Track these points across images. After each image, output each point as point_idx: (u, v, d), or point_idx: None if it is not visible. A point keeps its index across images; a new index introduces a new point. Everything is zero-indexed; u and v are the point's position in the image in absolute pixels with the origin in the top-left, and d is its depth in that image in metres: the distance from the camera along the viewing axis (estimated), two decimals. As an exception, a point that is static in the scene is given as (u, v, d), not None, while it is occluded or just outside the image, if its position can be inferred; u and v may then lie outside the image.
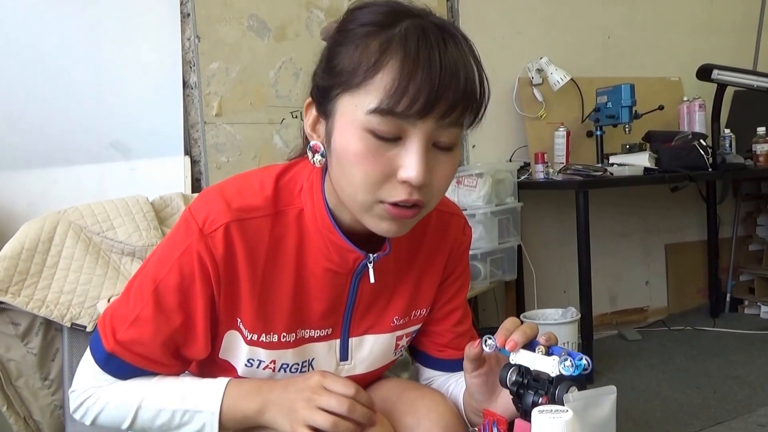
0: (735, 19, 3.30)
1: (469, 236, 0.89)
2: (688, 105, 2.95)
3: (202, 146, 2.13)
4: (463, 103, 0.65)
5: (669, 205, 3.08)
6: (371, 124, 0.64)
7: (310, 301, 0.78)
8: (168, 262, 0.74)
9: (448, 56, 0.64)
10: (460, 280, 0.89)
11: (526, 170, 2.70)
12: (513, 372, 0.69)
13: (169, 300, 0.74)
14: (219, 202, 0.73)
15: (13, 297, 1.16)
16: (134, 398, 0.76)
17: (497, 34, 2.79)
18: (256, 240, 0.74)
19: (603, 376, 2.39)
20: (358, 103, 0.65)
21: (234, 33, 2.18)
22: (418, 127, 0.64)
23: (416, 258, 0.83)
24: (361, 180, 0.66)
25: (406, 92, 0.62)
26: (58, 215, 1.27)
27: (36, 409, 1.20)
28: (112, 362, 0.77)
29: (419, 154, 0.65)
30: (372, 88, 0.64)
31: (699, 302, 3.24)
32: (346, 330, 0.81)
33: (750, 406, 2.05)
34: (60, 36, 1.93)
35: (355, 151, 0.65)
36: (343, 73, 0.66)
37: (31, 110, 1.89)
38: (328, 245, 0.76)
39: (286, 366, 0.79)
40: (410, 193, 0.66)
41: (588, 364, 0.66)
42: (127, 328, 0.75)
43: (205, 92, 2.13)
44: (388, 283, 0.81)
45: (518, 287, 2.66)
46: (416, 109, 0.63)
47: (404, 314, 0.84)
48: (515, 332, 0.69)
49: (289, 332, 0.78)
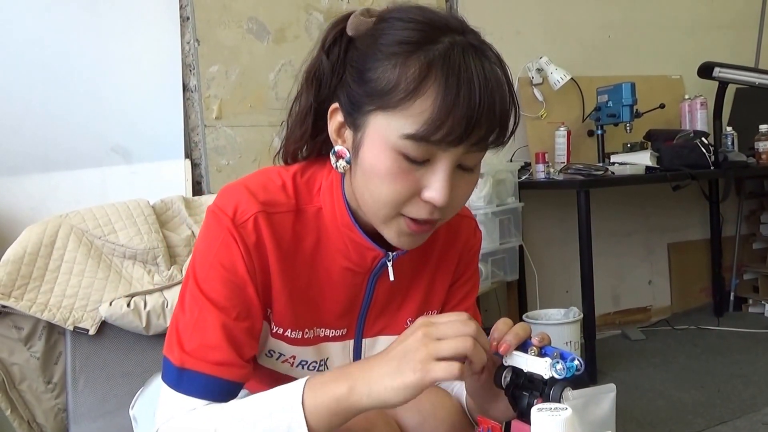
0: (736, 16, 3.29)
1: (479, 239, 0.90)
2: (690, 103, 2.94)
3: (203, 149, 2.14)
4: (496, 130, 0.67)
5: (671, 204, 3.07)
6: (404, 148, 0.65)
7: (327, 300, 0.78)
8: (208, 260, 0.73)
9: (487, 84, 0.64)
10: (470, 283, 0.89)
11: (527, 170, 2.69)
12: (508, 373, 0.69)
13: (220, 296, 0.72)
14: (245, 194, 0.74)
15: (16, 301, 1.16)
16: (209, 425, 0.69)
17: (496, 34, 2.74)
18: (281, 234, 0.74)
19: (606, 376, 2.38)
20: (393, 124, 0.65)
21: (233, 36, 2.18)
22: (450, 152, 0.66)
23: (429, 260, 0.84)
24: (388, 197, 0.68)
25: (444, 124, 0.63)
26: (60, 219, 1.27)
27: (39, 412, 1.21)
28: (185, 378, 0.72)
29: (446, 179, 0.66)
30: (409, 113, 0.64)
31: (702, 301, 3.23)
32: (360, 331, 0.82)
33: (754, 405, 2.04)
34: (60, 40, 1.94)
35: (385, 169, 0.66)
36: (379, 91, 0.66)
37: (32, 115, 1.90)
38: (347, 244, 0.76)
39: (305, 363, 0.80)
40: (432, 212, 0.68)
41: (580, 364, 0.65)
42: (191, 335, 0.72)
43: (205, 95, 2.14)
44: (402, 284, 0.82)
45: (520, 287, 2.66)
46: (452, 139, 0.64)
47: (416, 315, 0.84)
48: (507, 334, 0.69)
49: (309, 329, 0.78)
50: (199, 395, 0.72)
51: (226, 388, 0.72)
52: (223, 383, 0.72)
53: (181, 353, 0.72)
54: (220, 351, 0.72)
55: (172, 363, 0.72)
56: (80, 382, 1.22)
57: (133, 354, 1.25)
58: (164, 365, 0.74)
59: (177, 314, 0.75)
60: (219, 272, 0.72)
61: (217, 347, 0.72)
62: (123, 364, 1.24)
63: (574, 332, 2.29)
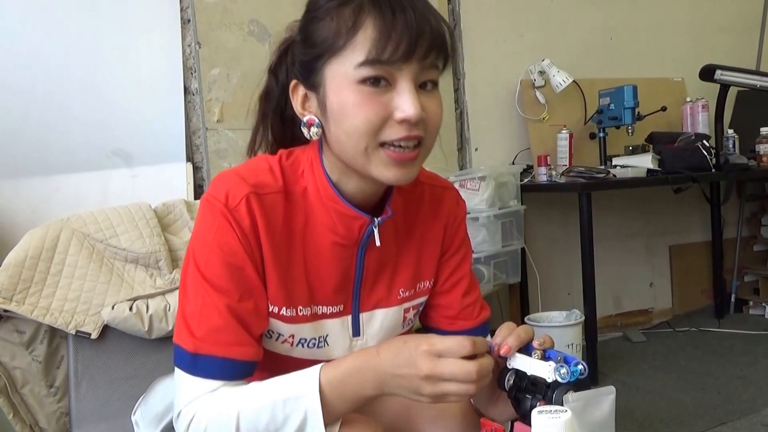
0: (737, 19, 3.29)
1: (463, 208, 0.93)
2: (691, 106, 2.94)
3: (204, 152, 2.14)
4: (437, 44, 0.73)
5: (673, 207, 3.07)
6: (363, 76, 0.71)
7: (321, 278, 0.81)
8: (207, 246, 0.76)
9: (416, 6, 0.71)
10: (461, 251, 0.92)
11: (528, 173, 2.69)
12: (511, 376, 0.70)
13: (222, 279, 0.75)
14: (235, 178, 0.77)
15: (18, 305, 1.16)
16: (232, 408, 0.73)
17: (499, 37, 2.79)
18: (273, 214, 0.77)
19: (608, 378, 2.38)
20: (345, 62, 0.71)
21: (235, 39, 2.18)
22: (404, 70, 0.71)
23: (414, 231, 0.88)
24: (363, 125, 0.71)
25: (389, 40, 0.69)
26: (62, 223, 1.27)
27: (42, 416, 1.20)
28: (199, 362, 0.75)
29: (411, 92, 0.71)
30: (356, 47, 0.70)
31: (703, 303, 3.23)
32: (356, 306, 0.84)
33: (755, 407, 2.04)
34: (61, 43, 1.94)
35: (352, 102, 0.71)
36: (324, 43, 0.72)
37: (32, 118, 1.90)
38: (333, 218, 0.79)
39: (304, 341, 0.81)
40: (410, 129, 0.72)
41: (584, 368, 0.66)
42: (199, 320, 0.75)
43: (207, 98, 2.14)
44: (390, 255, 0.85)
45: (522, 290, 2.66)
46: (401, 53, 0.70)
47: (409, 286, 0.87)
48: (509, 337, 0.70)
49: (305, 307, 0.80)
50: (216, 377, 0.75)
51: (240, 368, 0.76)
52: (237, 363, 0.75)
53: (193, 339, 0.75)
54: (230, 332, 0.75)
55: (185, 349, 0.75)
56: (82, 386, 1.22)
57: (135, 358, 1.25)
58: (176, 352, 0.77)
59: (182, 302, 0.78)
60: (218, 256, 0.75)
61: (226, 329, 0.75)
62: (125, 368, 1.23)
63: (575, 335, 2.29)
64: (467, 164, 2.74)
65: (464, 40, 2.71)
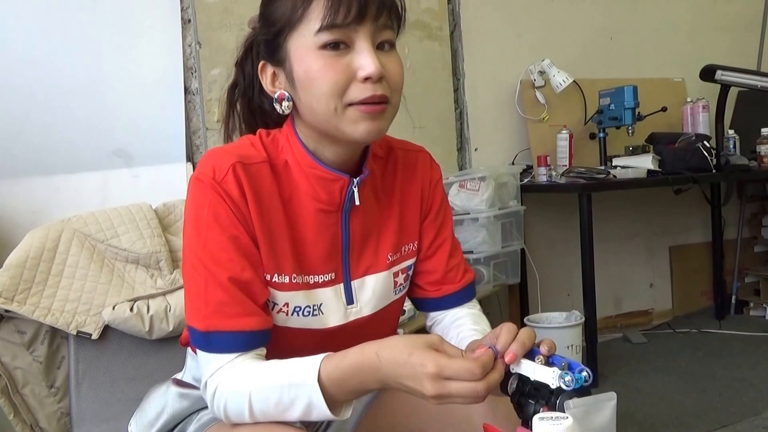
0: (738, 19, 3.29)
1: (437, 171, 0.96)
2: (692, 106, 2.94)
3: (205, 152, 2.14)
4: (387, 4, 0.78)
5: (673, 207, 3.07)
6: (322, 41, 0.76)
7: (309, 247, 0.83)
8: (202, 222, 0.78)
9: None
10: (440, 214, 0.95)
11: (528, 173, 2.69)
12: (514, 380, 0.69)
13: (221, 252, 0.77)
14: (220, 152, 0.81)
15: (19, 305, 1.16)
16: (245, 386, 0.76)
17: (499, 37, 2.79)
18: (259, 183, 0.80)
19: (608, 380, 2.38)
20: (304, 32, 0.76)
21: (235, 39, 2.16)
22: (360, 31, 0.76)
23: (393, 194, 0.91)
24: (329, 88, 0.76)
25: (341, 4, 0.74)
26: (63, 223, 1.27)
27: (42, 416, 1.20)
28: (213, 339, 0.78)
29: (370, 51, 0.76)
30: (312, 15, 0.76)
31: (704, 304, 3.23)
32: (347, 273, 0.86)
33: (756, 409, 2.05)
34: (61, 43, 1.94)
35: (317, 67, 0.76)
36: (282, 19, 0.78)
37: (32, 118, 1.89)
38: (314, 185, 0.82)
39: (299, 309, 0.83)
40: (374, 88, 0.76)
41: (588, 375, 0.66)
42: (205, 298, 0.77)
43: (207, 98, 2.14)
44: (373, 219, 0.88)
45: (522, 291, 2.66)
46: (353, 15, 0.75)
47: (395, 250, 0.90)
48: (514, 343, 0.70)
49: (298, 275, 0.82)
50: (231, 350, 0.78)
51: (252, 338, 0.78)
52: (248, 335, 0.78)
53: (202, 318, 0.77)
54: (236, 304, 0.77)
55: (197, 329, 0.78)
56: (83, 387, 1.22)
57: (136, 358, 1.24)
58: (190, 333, 0.80)
59: (187, 283, 0.81)
60: (215, 230, 0.78)
61: (232, 302, 0.77)
62: (126, 369, 1.23)
63: (575, 336, 2.29)
64: (467, 164, 2.74)
65: (464, 39, 2.71)
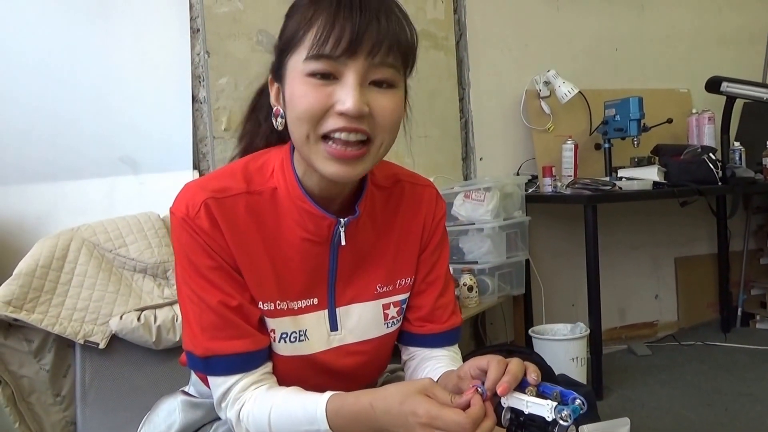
0: (744, 30, 3.30)
1: (442, 207, 0.95)
2: (698, 118, 2.94)
3: (211, 161, 2.14)
4: (387, 41, 0.74)
5: (678, 219, 3.07)
6: (309, 70, 0.74)
7: (292, 273, 0.83)
8: (185, 257, 0.80)
9: (369, 5, 0.74)
10: (438, 251, 0.93)
11: (534, 183, 2.69)
12: (507, 411, 0.70)
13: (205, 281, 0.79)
14: (193, 188, 0.82)
15: (28, 314, 1.17)
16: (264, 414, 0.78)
17: (505, 47, 2.80)
18: (234, 215, 0.81)
19: (612, 392, 2.37)
20: (298, 57, 0.76)
21: (243, 48, 2.19)
22: (350, 66, 0.74)
23: (393, 227, 0.90)
24: (304, 113, 0.75)
25: (331, 36, 0.72)
26: (72, 233, 1.28)
27: (48, 425, 1.20)
28: (211, 364, 0.80)
29: (352, 87, 0.73)
30: (307, 43, 0.74)
31: (710, 317, 3.22)
32: (332, 300, 0.86)
33: (763, 425, 2.03)
34: (70, 50, 1.95)
35: (299, 93, 0.75)
36: (288, 38, 0.78)
37: (40, 124, 1.90)
38: (302, 215, 0.82)
39: (285, 335, 0.83)
40: (349, 121, 0.74)
41: (582, 404, 0.66)
42: (201, 328, 0.79)
43: (215, 107, 2.15)
44: (366, 251, 0.87)
45: (526, 302, 2.65)
46: (342, 49, 0.72)
47: (387, 282, 0.89)
48: (505, 375, 0.70)
49: (282, 301, 0.83)
50: (230, 372, 0.80)
51: (249, 359, 0.80)
52: (245, 356, 0.80)
53: (198, 343, 0.80)
54: (228, 328, 0.79)
55: (195, 355, 0.80)
56: (89, 396, 1.22)
57: (142, 368, 1.25)
58: (189, 358, 0.82)
59: (182, 308, 0.82)
60: (193, 264, 0.79)
61: (224, 325, 0.79)
62: (132, 379, 1.24)
63: (580, 348, 2.28)
64: (472, 174, 2.74)
65: (470, 49, 2.72)
